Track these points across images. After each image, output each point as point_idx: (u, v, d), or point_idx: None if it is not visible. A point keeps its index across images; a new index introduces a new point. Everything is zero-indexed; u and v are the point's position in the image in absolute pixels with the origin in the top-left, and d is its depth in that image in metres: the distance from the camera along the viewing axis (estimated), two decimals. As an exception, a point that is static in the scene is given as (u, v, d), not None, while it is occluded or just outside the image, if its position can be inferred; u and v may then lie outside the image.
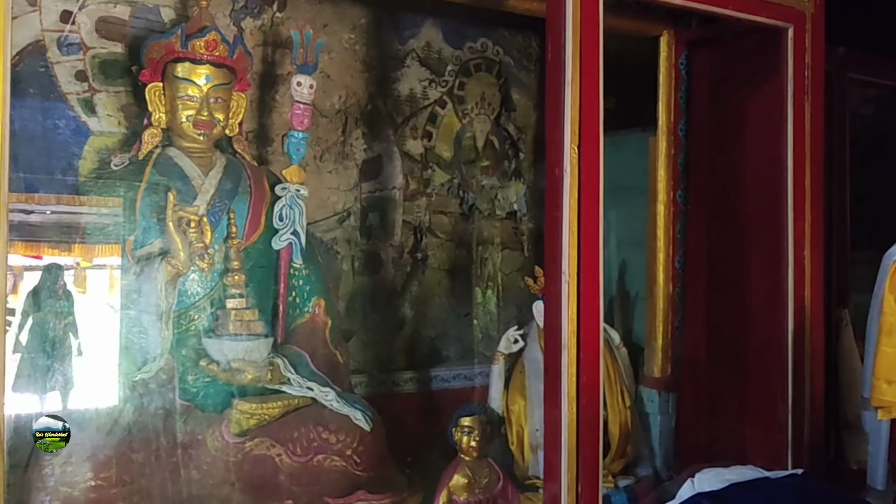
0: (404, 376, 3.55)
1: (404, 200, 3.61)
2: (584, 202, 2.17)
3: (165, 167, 2.73)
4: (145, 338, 2.51)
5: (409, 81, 3.61)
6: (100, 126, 2.93)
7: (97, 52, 2.92)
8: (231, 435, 2.49)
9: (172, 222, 2.54)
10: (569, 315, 2.15)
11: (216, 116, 2.77)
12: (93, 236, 2.65)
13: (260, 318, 2.68)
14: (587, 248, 2.17)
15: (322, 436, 2.57)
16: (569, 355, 2.15)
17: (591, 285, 2.18)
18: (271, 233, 2.83)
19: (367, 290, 3.53)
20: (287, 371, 2.67)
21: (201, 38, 2.70)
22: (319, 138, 3.40)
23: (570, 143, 2.15)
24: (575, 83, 2.15)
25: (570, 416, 2.15)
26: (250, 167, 2.90)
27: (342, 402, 2.66)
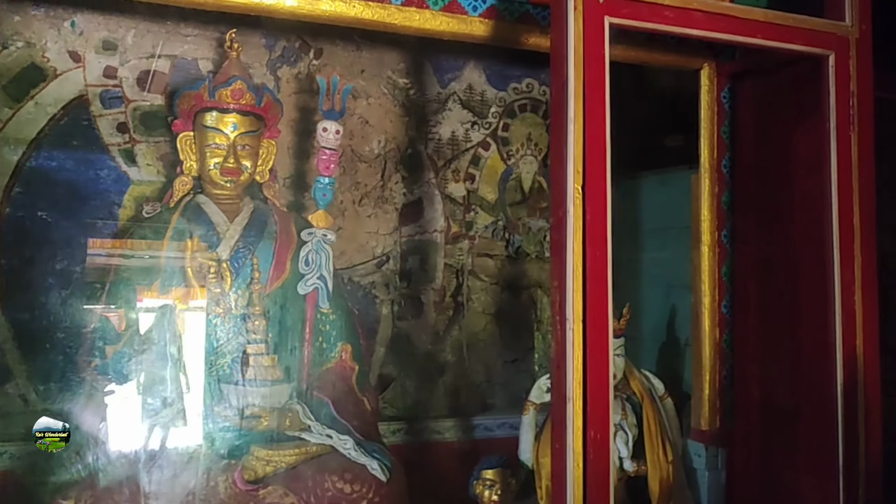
0: (445, 424, 3.47)
1: (446, 243, 3.57)
2: (591, 245, 2.06)
3: (192, 214, 2.78)
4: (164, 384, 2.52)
5: (450, 124, 3.59)
6: (139, 175, 3.04)
7: (138, 104, 3.04)
8: (244, 482, 2.46)
9: (191, 268, 2.57)
10: (574, 364, 2.02)
11: (244, 163, 2.81)
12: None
13: (279, 364, 2.66)
14: (594, 293, 2.05)
15: (337, 485, 2.51)
16: (574, 407, 2.02)
17: (599, 334, 2.05)
18: (297, 278, 2.82)
19: (408, 335, 3.48)
20: (306, 418, 2.64)
21: (227, 88, 2.76)
22: (358, 183, 3.41)
23: (574, 184, 2.04)
24: (578, 120, 2.06)
25: (576, 473, 2.02)
26: (278, 213, 2.93)
27: (359, 451, 2.60)
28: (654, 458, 2.82)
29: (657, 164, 3.46)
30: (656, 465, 2.81)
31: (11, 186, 2.87)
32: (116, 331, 2.63)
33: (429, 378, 3.50)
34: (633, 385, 2.95)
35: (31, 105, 2.89)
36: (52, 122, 2.92)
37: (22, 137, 2.88)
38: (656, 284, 3.45)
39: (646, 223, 3.55)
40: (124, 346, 2.59)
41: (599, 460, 2.03)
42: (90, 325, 2.70)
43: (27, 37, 2.90)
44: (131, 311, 2.66)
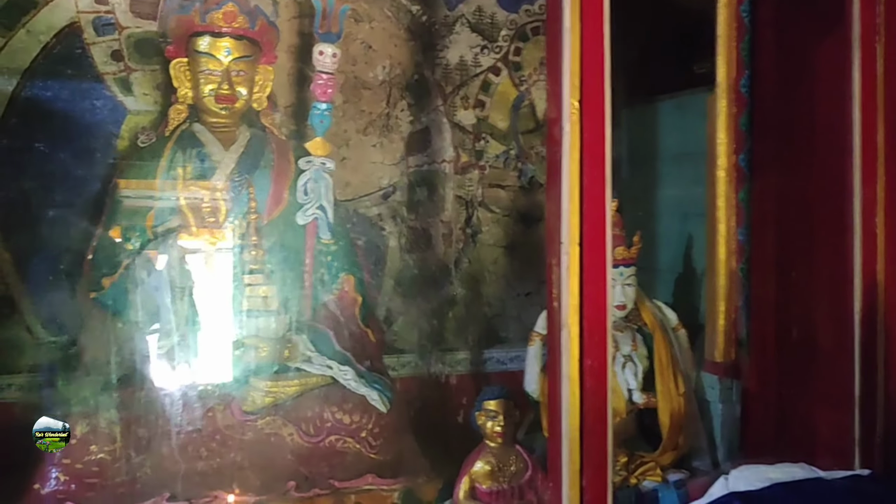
0: (456, 357, 3.42)
1: (455, 174, 3.46)
2: (588, 164, 1.94)
3: (187, 143, 2.72)
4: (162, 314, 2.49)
5: (458, 49, 3.44)
6: (136, 105, 2.97)
7: (132, 31, 2.95)
8: (242, 412, 2.44)
9: (184, 198, 2.51)
10: (569, 290, 1.93)
11: (239, 90, 2.73)
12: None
13: (278, 295, 2.61)
14: (592, 215, 1.94)
15: (336, 416, 2.49)
16: (570, 334, 1.94)
17: (597, 259, 1.95)
18: (297, 208, 2.75)
19: (416, 268, 3.41)
20: (307, 349, 2.60)
21: (219, 10, 2.67)
22: (362, 111, 3.30)
23: (570, 99, 1.92)
24: (575, 29, 1.92)
25: (571, 402, 1.94)
26: (276, 141, 2.84)
27: (360, 382, 2.56)
28: (665, 391, 2.74)
29: (673, 86, 3.29)
30: (667, 397, 2.73)
31: (7, 118, 2.81)
32: (113, 263, 2.60)
33: (439, 311, 3.43)
34: (645, 316, 2.86)
35: (23, 33, 2.82)
36: (45, 50, 2.85)
37: (15, 67, 2.81)
38: (672, 213, 3.32)
39: (662, 149, 3.40)
40: (120, 277, 2.56)
41: (597, 390, 1.95)
42: (88, 257, 2.66)
43: (16, -38, 2.81)
44: (127, 243, 2.62)
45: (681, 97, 3.25)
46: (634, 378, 2.72)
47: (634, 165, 3.59)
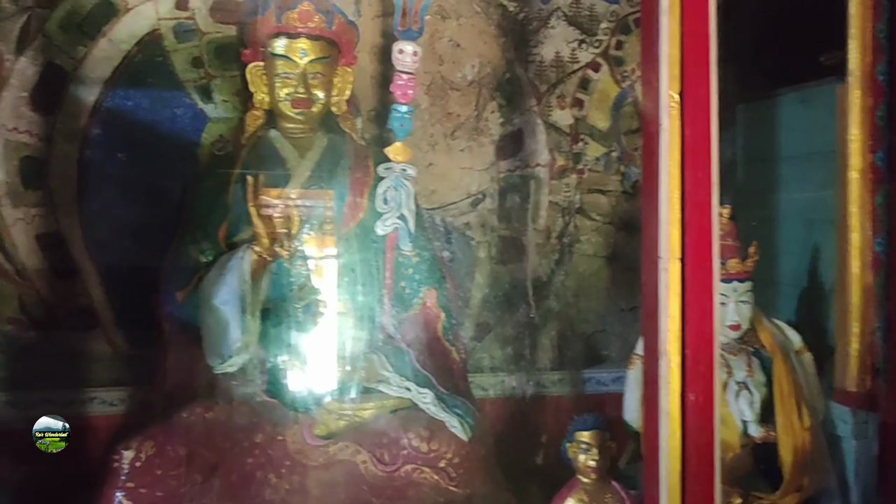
0: (551, 377, 3.16)
1: (550, 179, 3.21)
2: (690, 166, 1.67)
3: (262, 151, 2.60)
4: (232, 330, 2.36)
5: (554, 44, 3.19)
6: (216, 112, 2.88)
7: (212, 36, 2.86)
8: (314, 437, 2.28)
9: (255, 208, 2.38)
10: (668, 311, 1.66)
11: (315, 93, 2.59)
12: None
13: (354, 310, 2.45)
14: (695, 225, 1.67)
15: (413, 443, 2.30)
16: (669, 363, 1.67)
17: (701, 275, 1.68)
18: (375, 217, 2.59)
19: (507, 280, 3.18)
20: (383, 368, 2.42)
21: (294, 10, 2.54)
22: (450, 113, 3.11)
23: (668, 90, 1.65)
24: (674, 8, 1.66)
25: (671, 444, 1.67)
26: (355, 147, 2.69)
27: (439, 407, 2.35)
28: (787, 423, 2.40)
29: (796, 77, 2.92)
30: (789, 430, 2.40)
31: (89, 128, 2.78)
32: (187, 275, 2.50)
33: (532, 327, 3.19)
34: (763, 337, 2.53)
35: (105, 42, 2.78)
36: (127, 59, 2.80)
37: (97, 77, 2.77)
38: (796, 220, 2.95)
39: (783, 149, 3.03)
40: (193, 290, 2.46)
41: (702, 428, 1.68)
42: (164, 268, 2.59)
43: (97, -30, 2.77)
44: (201, 255, 2.52)
45: (805, 90, 2.88)
46: (750, 408, 2.40)
47: (751, 167, 3.23)
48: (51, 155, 2.74)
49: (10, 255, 2.72)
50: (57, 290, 2.76)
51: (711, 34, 1.68)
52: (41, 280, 2.75)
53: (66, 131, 2.75)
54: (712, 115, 1.69)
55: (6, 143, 2.70)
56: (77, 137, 2.76)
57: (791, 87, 2.95)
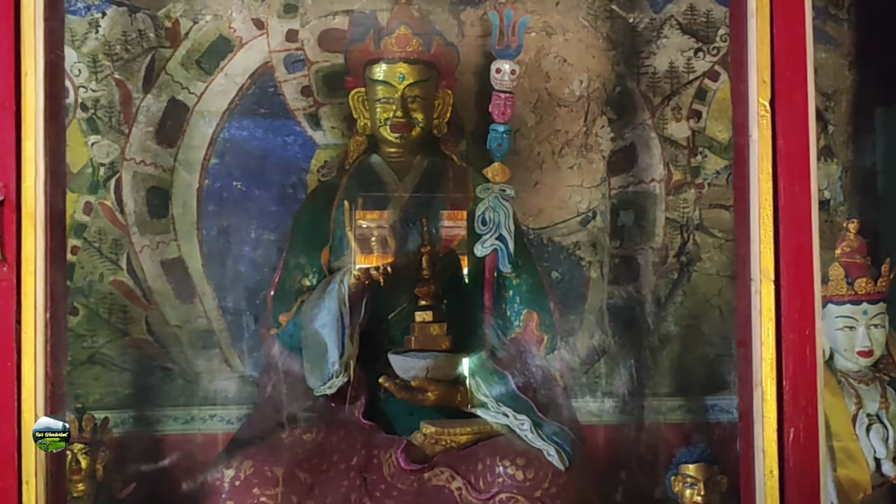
0: (670, 403, 3.00)
1: (667, 194, 3.06)
2: (785, 179, 1.52)
3: (363, 175, 2.64)
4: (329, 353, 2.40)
5: (667, 53, 3.05)
6: (324, 139, 2.95)
7: (320, 65, 2.95)
8: (408, 461, 2.27)
9: (353, 232, 2.41)
10: (762, 339, 1.52)
11: (415, 117, 2.60)
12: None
13: (452, 333, 2.42)
14: (791, 243, 1.52)
15: (508, 471, 2.23)
16: (764, 395, 1.52)
17: (800, 298, 1.52)
18: (475, 239, 2.56)
19: (621, 302, 3.05)
20: (480, 393, 2.38)
21: (391, 35, 2.58)
22: (557, 131, 3.03)
23: (759, 98, 1.52)
24: (764, 9, 1.53)
25: (769, 485, 1.52)
26: (454, 169, 2.68)
27: (536, 434, 2.28)
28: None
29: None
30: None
31: (208, 158, 2.92)
32: (291, 299, 2.57)
33: (649, 350, 3.03)
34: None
35: (222, 77, 2.92)
36: (241, 91, 2.92)
37: (214, 110, 2.92)
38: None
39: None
40: (296, 314, 2.52)
41: (804, 469, 1.51)
42: (270, 293, 2.67)
43: (214, 10, 2.92)
44: (304, 279, 2.59)
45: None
46: (883, 444, 2.16)
47: (892, 177, 2.94)
48: (173, 185, 2.91)
49: (139, 280, 2.90)
50: (180, 312, 2.91)
51: (808, 36, 1.53)
52: (165, 303, 2.91)
53: (187, 162, 2.90)
54: (810, 125, 1.54)
55: (135, 175, 2.89)
56: (196, 167, 2.91)
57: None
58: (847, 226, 2.32)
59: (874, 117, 2.99)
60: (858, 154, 3.11)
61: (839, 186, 3.11)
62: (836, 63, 3.10)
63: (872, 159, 3.02)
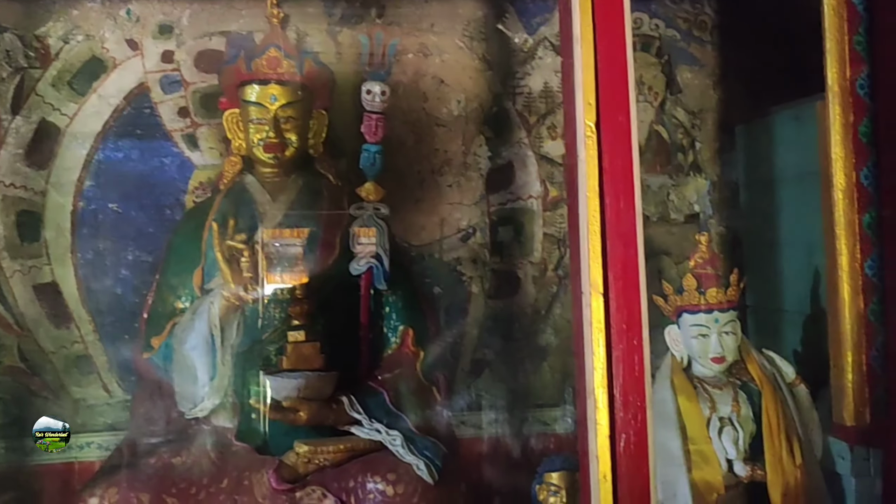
0: (551, 414, 3.07)
1: (544, 210, 3.15)
2: (611, 195, 1.60)
3: (236, 196, 2.64)
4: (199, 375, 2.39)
5: (542, 74, 3.15)
6: (202, 160, 2.94)
7: (197, 86, 2.94)
8: (279, 481, 2.26)
9: (221, 252, 2.41)
10: (593, 348, 1.59)
11: (288, 137, 2.62)
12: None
13: (323, 352, 2.43)
14: (618, 256, 1.60)
15: (378, 487, 2.25)
16: (595, 403, 1.59)
17: (627, 309, 1.60)
18: (349, 257, 2.58)
19: (503, 316, 3.12)
20: (355, 410, 2.39)
21: (261, 57, 2.58)
22: (437, 150, 3.09)
23: (584, 120, 1.60)
24: (587, 35, 1.61)
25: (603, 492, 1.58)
26: (329, 188, 2.70)
27: (407, 449, 2.31)
28: (775, 461, 2.27)
29: (788, 94, 2.80)
30: (778, 468, 2.26)
31: (82, 180, 2.87)
32: (163, 322, 2.55)
33: (531, 362, 3.11)
34: (752, 369, 2.41)
35: (95, 98, 2.88)
36: (116, 112, 2.89)
37: (88, 131, 2.87)
38: (795, 244, 2.80)
39: (782, 170, 2.90)
40: (168, 336, 2.49)
41: (635, 474, 1.58)
42: (143, 316, 2.64)
43: (86, 29, 2.89)
44: (177, 301, 2.57)
45: (799, 106, 2.75)
46: (734, 445, 2.27)
47: (754, 190, 3.10)
48: (45, 207, 2.84)
49: (10, 306, 2.82)
50: (54, 338, 2.85)
51: (628, 61, 1.62)
52: (39, 329, 2.83)
53: (60, 184, 2.85)
54: (633, 144, 1.62)
55: (4, 199, 2.82)
56: (70, 190, 2.85)
57: (785, 105, 2.82)
58: (699, 238, 2.43)
59: (733, 133, 3.15)
60: (725, 169, 3.26)
61: (708, 200, 3.26)
62: (701, 83, 3.26)
63: (734, 173, 3.18)
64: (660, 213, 3.24)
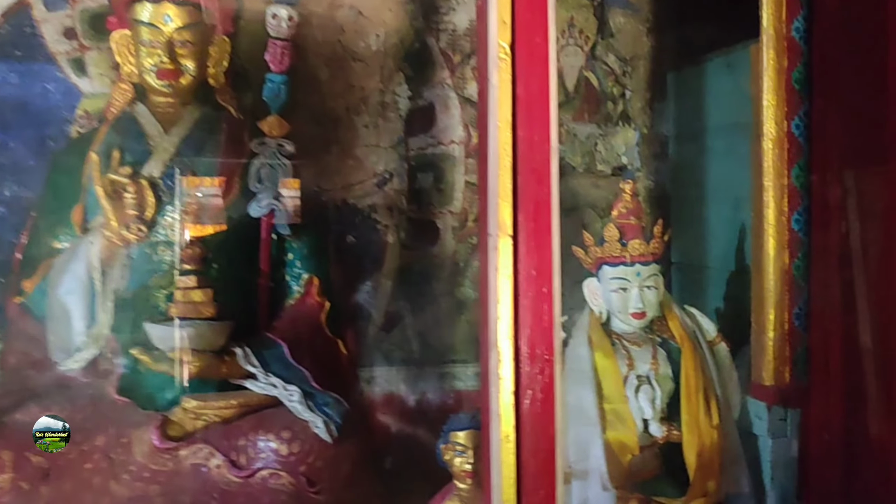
0: (466, 371, 2.93)
1: (466, 157, 2.97)
2: (523, 128, 1.43)
3: (123, 127, 2.38)
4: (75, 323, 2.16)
5: (468, 10, 2.95)
6: (91, 87, 2.68)
7: (86, 5, 2.65)
8: (162, 439, 2.06)
9: (102, 187, 2.17)
10: (498, 296, 1.43)
11: (184, 64, 2.37)
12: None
13: (221, 299, 2.22)
14: (529, 195, 1.43)
15: (272, 445, 2.08)
16: (499, 357, 1.44)
17: (537, 255, 1.44)
18: (250, 197, 2.36)
19: (420, 267, 2.95)
20: (248, 363, 2.20)
21: (155, -28, 2.31)
22: (352, 87, 2.88)
23: (498, 40, 1.42)
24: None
25: (504, 454, 1.44)
26: (229, 121, 2.47)
27: (305, 405, 2.13)
28: (692, 421, 2.17)
29: (722, 40, 2.67)
30: (694, 429, 2.17)
31: (-47, 105, 2.57)
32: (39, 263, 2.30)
33: (448, 316, 2.96)
34: (673, 326, 2.30)
35: (-33, 14, 2.57)
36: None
37: (-40, 52, 2.56)
38: (723, 198, 2.70)
39: (711, 120, 2.78)
40: (42, 280, 2.25)
41: (540, 437, 1.44)
42: (17, 257, 2.39)
43: (-44, -66, 2.56)
44: (55, 241, 2.32)
45: (732, 53, 2.63)
46: (651, 405, 2.17)
47: (684, 141, 2.99)
48: (-88, 137, 2.54)
49: None
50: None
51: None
52: None
53: (-74, 111, 2.54)
54: (551, 70, 1.45)
55: None
56: (-60, 117, 2.55)
57: (719, 51, 2.69)
58: (623, 186, 2.29)
59: (664, 82, 3.01)
60: (656, 120, 3.14)
61: (636, 152, 3.13)
62: (634, 28, 3.11)
63: (665, 125, 3.06)
64: (586, 164, 3.10)
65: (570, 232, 2.79)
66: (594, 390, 2.17)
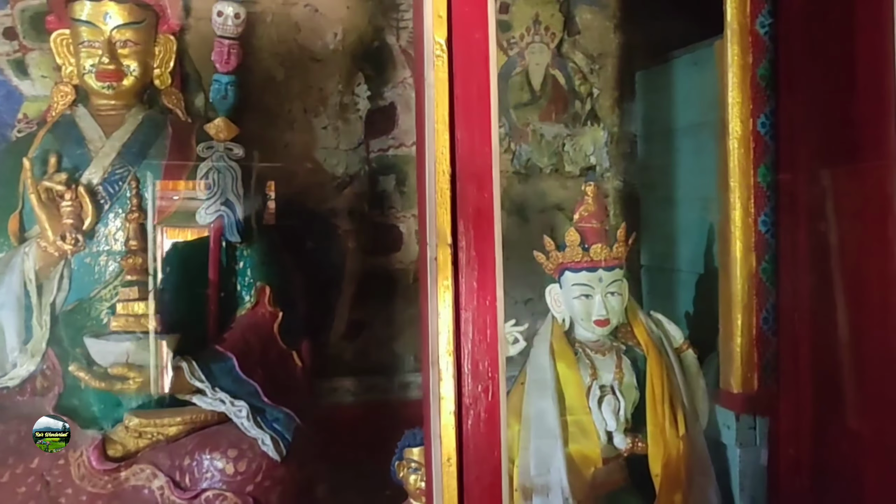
0: (431, 379, 2.83)
1: (429, 159, 2.87)
2: (462, 129, 1.34)
3: (63, 131, 2.28)
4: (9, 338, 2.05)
5: (429, 8, 2.85)
6: (33, 90, 2.56)
7: (26, 4, 2.54)
8: (102, 459, 1.96)
9: (36, 195, 2.06)
10: (438, 310, 1.34)
11: (126, 64, 2.28)
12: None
13: (166, 312, 2.12)
14: (468, 199, 1.34)
15: (217, 464, 1.97)
16: (440, 373, 1.34)
17: (479, 266, 1.35)
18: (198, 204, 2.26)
19: (383, 273, 2.86)
20: (194, 378, 2.09)
21: (94, -31, 2.20)
22: (310, 87, 2.79)
23: (434, 35, 1.33)
24: (437, -63, 1.32)
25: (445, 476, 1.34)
26: (176, 125, 2.36)
27: (253, 421, 2.03)
28: (657, 431, 2.09)
29: (688, 37, 2.58)
30: (659, 439, 2.08)
31: None
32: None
33: (411, 323, 2.86)
34: (638, 333, 2.21)
35: None
36: (-74, 31, 2.47)
37: None
38: (692, 198, 2.62)
39: (679, 119, 2.70)
40: (-26, 293, 2.14)
41: (484, 460, 1.34)
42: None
43: None
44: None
45: (698, 49, 2.54)
46: (614, 416, 2.08)
47: (651, 142, 2.90)
48: None
49: None
50: None
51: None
52: None
53: None
54: (491, 69, 1.36)
55: None
56: None
57: (686, 49, 2.61)
58: (584, 189, 2.20)
59: (633, 80, 2.93)
60: (624, 119, 3.05)
61: (605, 152, 3.05)
62: (601, 25, 3.03)
63: (633, 124, 2.98)
64: (553, 165, 3.02)
65: (537, 235, 2.72)
66: (556, 402, 2.08)
